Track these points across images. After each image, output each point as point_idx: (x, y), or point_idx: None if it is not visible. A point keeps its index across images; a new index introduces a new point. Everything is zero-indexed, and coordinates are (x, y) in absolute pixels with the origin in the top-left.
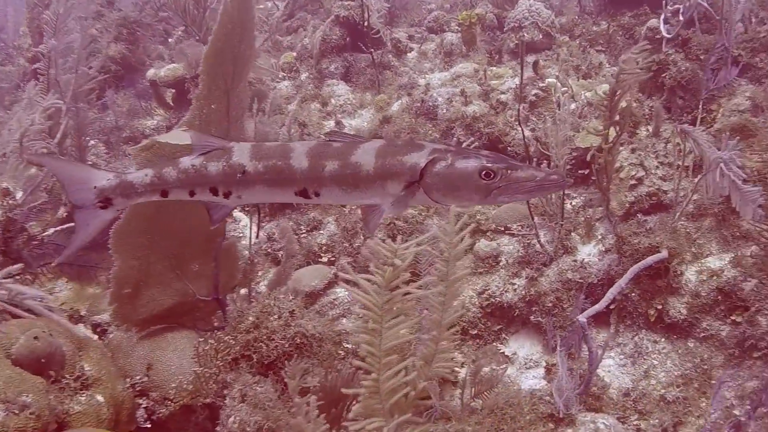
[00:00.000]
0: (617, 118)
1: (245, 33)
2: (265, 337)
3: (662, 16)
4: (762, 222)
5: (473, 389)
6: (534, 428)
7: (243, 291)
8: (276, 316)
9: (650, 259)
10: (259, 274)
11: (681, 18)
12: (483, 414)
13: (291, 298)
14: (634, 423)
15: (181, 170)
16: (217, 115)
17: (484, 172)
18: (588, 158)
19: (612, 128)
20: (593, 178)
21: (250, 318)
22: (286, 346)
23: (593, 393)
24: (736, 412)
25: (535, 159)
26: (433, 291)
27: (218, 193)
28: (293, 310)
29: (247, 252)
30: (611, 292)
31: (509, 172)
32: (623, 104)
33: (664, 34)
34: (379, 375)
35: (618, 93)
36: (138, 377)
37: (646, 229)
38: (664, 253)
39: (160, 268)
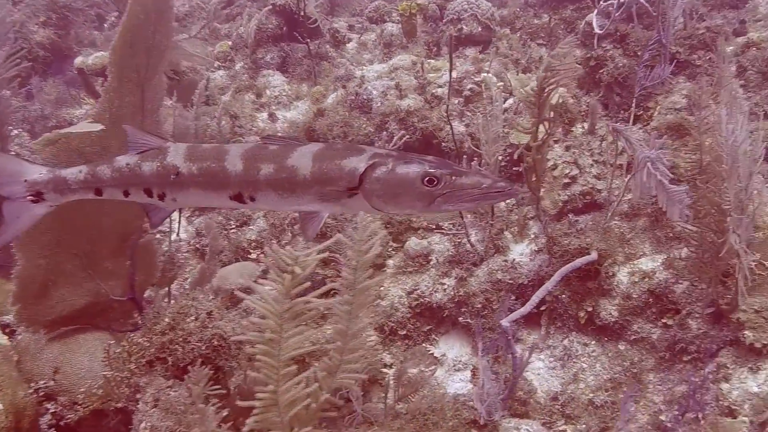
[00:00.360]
0: (547, 115)
1: (161, 22)
2: (180, 339)
3: (595, 12)
4: (691, 223)
5: (397, 392)
6: None
7: (164, 290)
8: (193, 318)
9: (578, 262)
10: (188, 270)
11: (615, 13)
12: (406, 419)
13: (211, 297)
14: (561, 428)
15: (116, 169)
16: (130, 108)
17: (426, 179)
18: (515, 156)
19: (541, 126)
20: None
21: (166, 319)
22: (203, 348)
23: (519, 398)
24: (663, 417)
25: (465, 156)
26: (338, 300)
27: (153, 195)
28: (211, 311)
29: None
30: (537, 296)
31: (453, 178)
32: (553, 100)
33: (596, 29)
34: (277, 386)
35: (546, 90)
36: (43, 382)
37: (577, 229)
38: (593, 255)
39: (69, 267)
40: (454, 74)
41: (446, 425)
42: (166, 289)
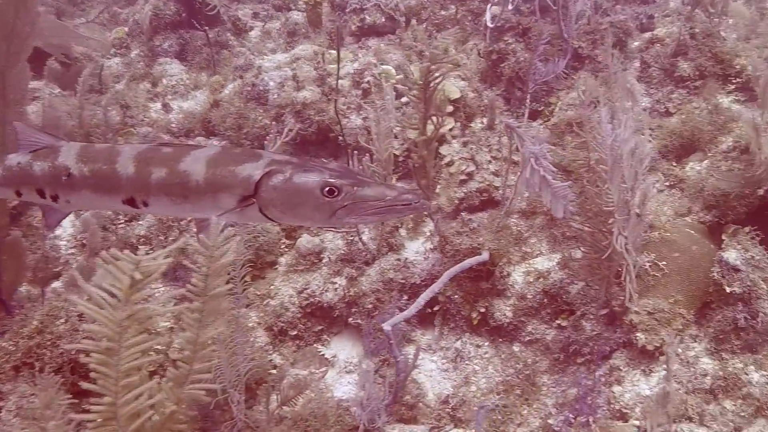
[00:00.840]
0: (435, 110)
1: (23, 7)
2: (49, 342)
3: (489, 5)
4: (582, 223)
5: (281, 396)
6: None
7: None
8: (63, 320)
9: (468, 262)
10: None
11: (509, 6)
12: (287, 425)
13: (86, 298)
14: None
15: (6, 167)
16: None
17: (326, 189)
18: (400, 154)
19: (432, 121)
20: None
21: (34, 322)
22: (73, 352)
23: (407, 402)
24: (551, 421)
25: (355, 152)
26: (188, 307)
27: (45, 196)
28: (83, 313)
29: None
30: (422, 298)
31: (355, 189)
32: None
33: (488, 23)
34: (115, 398)
35: (432, 84)
36: None
37: (470, 228)
38: (484, 255)
39: None
40: (355, 66)
41: None
42: (41, 289)
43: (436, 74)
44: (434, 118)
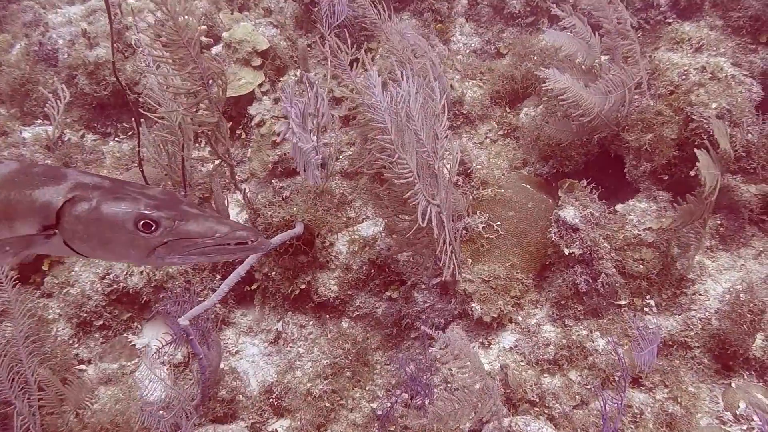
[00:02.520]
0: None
1: None
2: None
3: None
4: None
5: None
6: None
7: None
8: None
9: (278, 239)
10: None
11: None
12: None
13: None
14: (272, 429)
15: None
16: None
17: (141, 222)
18: (191, 120)
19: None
20: (238, 132)
21: None
22: None
23: (222, 398)
24: (388, 403)
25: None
26: None
27: None
28: None
29: None
30: (226, 284)
31: (177, 223)
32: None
33: None
34: None
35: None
36: None
37: (283, 197)
38: (298, 228)
39: None
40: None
41: None
42: None
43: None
44: (219, 79)
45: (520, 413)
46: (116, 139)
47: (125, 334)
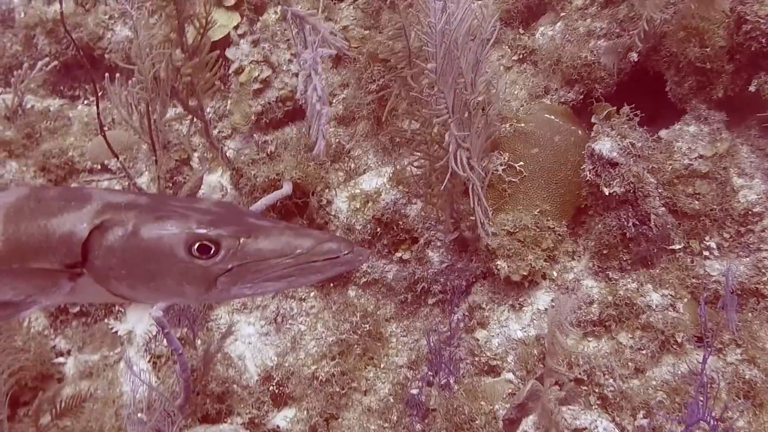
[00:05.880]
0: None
1: None
2: None
3: None
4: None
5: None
6: None
7: None
8: None
9: (262, 202)
10: None
11: None
12: None
13: None
14: (273, 426)
15: None
16: None
17: (196, 245)
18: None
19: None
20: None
21: None
22: None
23: (212, 392)
24: (414, 391)
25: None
26: None
27: None
28: None
29: None
30: None
31: (243, 242)
32: None
33: None
34: None
35: None
36: None
37: (268, 153)
38: (286, 188)
39: None
40: None
41: None
42: None
43: None
44: (196, 20)
45: (565, 399)
46: (86, 102)
47: (106, 320)
